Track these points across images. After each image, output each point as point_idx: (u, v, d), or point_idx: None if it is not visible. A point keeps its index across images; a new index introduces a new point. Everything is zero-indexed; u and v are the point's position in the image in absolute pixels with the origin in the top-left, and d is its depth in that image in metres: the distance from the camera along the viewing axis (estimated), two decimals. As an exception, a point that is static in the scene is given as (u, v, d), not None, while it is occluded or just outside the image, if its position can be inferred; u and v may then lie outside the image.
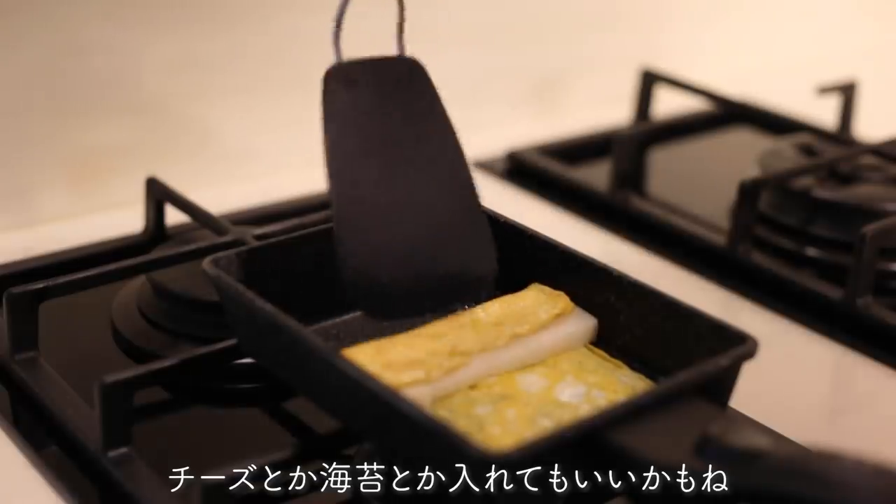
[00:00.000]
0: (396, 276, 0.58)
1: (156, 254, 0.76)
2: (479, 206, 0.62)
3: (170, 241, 0.81)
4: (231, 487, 0.55)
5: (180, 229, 0.85)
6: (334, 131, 0.59)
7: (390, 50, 0.63)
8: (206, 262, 0.62)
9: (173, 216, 0.85)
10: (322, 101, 0.60)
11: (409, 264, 0.59)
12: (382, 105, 0.61)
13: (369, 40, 0.64)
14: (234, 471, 0.55)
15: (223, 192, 0.92)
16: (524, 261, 0.67)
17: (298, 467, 0.60)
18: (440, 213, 0.60)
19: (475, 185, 0.62)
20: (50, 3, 0.86)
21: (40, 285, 0.70)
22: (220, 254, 0.63)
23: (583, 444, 0.51)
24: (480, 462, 0.49)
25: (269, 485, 0.61)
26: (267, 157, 0.99)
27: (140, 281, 0.77)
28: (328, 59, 1.01)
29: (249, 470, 0.56)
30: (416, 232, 0.59)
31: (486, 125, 1.09)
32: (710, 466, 0.48)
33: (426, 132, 0.62)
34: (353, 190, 0.58)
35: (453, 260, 0.60)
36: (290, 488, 0.62)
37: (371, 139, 0.60)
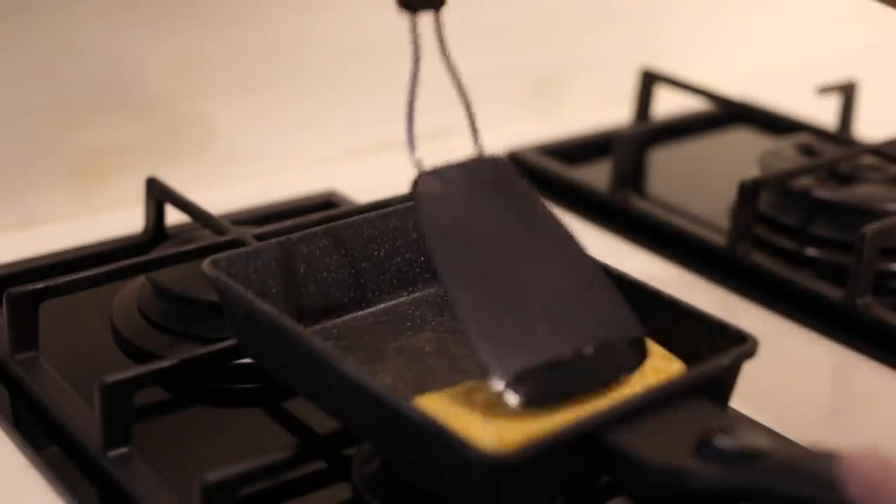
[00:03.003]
0: (543, 358, 0.55)
1: (156, 254, 0.76)
2: (603, 276, 0.60)
3: (170, 241, 0.81)
4: (231, 487, 0.55)
5: (180, 229, 0.85)
6: (439, 242, 0.57)
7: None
8: (206, 263, 0.62)
9: (173, 216, 0.85)
10: (417, 214, 0.58)
11: (551, 346, 0.56)
12: (479, 206, 0.59)
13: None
14: (234, 471, 0.55)
15: (223, 192, 0.92)
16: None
17: (298, 467, 0.60)
18: (566, 291, 0.58)
19: (594, 261, 0.60)
20: (50, 4, 0.86)
21: (40, 285, 0.70)
22: (220, 254, 0.63)
23: (582, 444, 0.51)
24: (480, 463, 0.49)
25: (269, 485, 0.61)
26: (267, 157, 0.99)
27: (140, 281, 0.77)
28: (329, 59, 1.01)
29: (249, 470, 0.56)
30: (548, 317, 0.57)
31: (486, 125, 1.08)
32: (710, 466, 0.49)
33: (530, 223, 0.60)
34: (474, 293, 0.56)
35: (595, 334, 0.57)
36: (289, 488, 0.62)
37: (477, 241, 0.58)
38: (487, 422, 0.54)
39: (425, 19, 0.67)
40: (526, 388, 0.54)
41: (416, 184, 0.59)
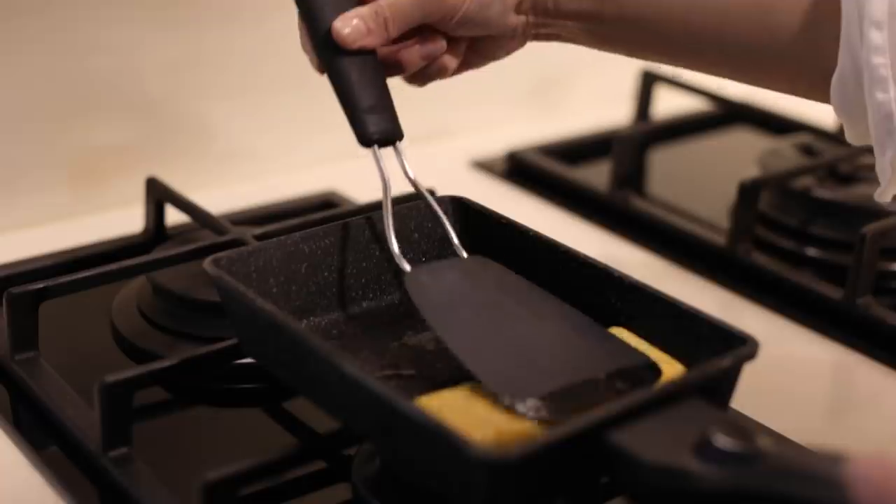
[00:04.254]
0: (558, 385, 0.57)
1: (156, 254, 0.76)
2: (598, 326, 0.62)
3: (170, 241, 0.81)
4: (231, 487, 0.55)
5: (180, 229, 0.85)
6: (436, 312, 0.60)
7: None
8: (208, 262, 0.62)
9: (173, 216, 0.85)
10: (414, 301, 0.60)
11: (562, 373, 0.58)
12: (470, 285, 0.62)
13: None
14: (234, 471, 0.55)
15: (223, 192, 0.92)
16: (524, 260, 0.67)
17: (298, 467, 0.60)
18: (567, 337, 0.60)
19: (585, 316, 0.62)
20: (50, 4, 0.86)
21: (40, 285, 0.70)
22: (221, 254, 0.63)
23: (583, 444, 0.51)
24: (480, 462, 0.49)
25: (269, 485, 0.61)
26: (267, 157, 0.99)
27: (140, 281, 0.77)
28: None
29: (249, 470, 0.56)
30: (553, 353, 0.59)
31: (486, 125, 1.09)
32: (710, 467, 0.49)
33: (522, 296, 0.63)
34: (479, 349, 0.58)
35: (605, 361, 0.59)
36: (289, 488, 0.62)
37: (473, 310, 0.61)
38: (487, 422, 0.54)
39: None
40: (543, 407, 0.55)
41: (407, 280, 0.62)
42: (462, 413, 0.54)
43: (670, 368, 0.60)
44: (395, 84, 1.06)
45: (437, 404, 0.55)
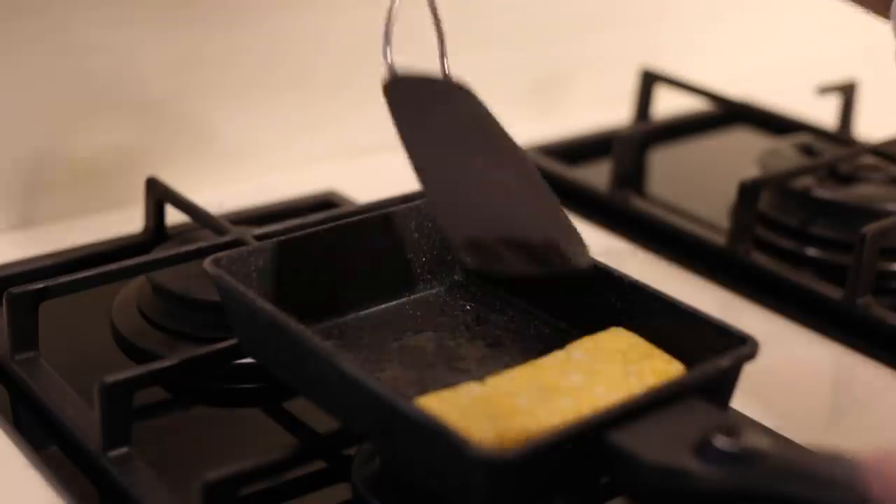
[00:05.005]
0: (494, 232, 0.58)
1: (156, 254, 0.76)
2: (545, 185, 0.62)
3: (170, 241, 0.81)
4: (231, 487, 0.55)
5: (180, 229, 0.85)
6: (408, 127, 0.61)
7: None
8: (208, 262, 0.62)
9: (173, 216, 0.85)
10: (389, 106, 0.61)
11: (502, 226, 0.59)
12: (444, 110, 0.63)
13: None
14: (234, 471, 0.55)
15: (223, 192, 0.92)
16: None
17: (298, 467, 0.60)
18: (519, 191, 0.61)
19: (535, 168, 0.63)
20: (51, 4, 0.86)
21: (40, 285, 0.70)
22: (222, 253, 0.63)
23: (583, 444, 0.51)
24: (480, 462, 0.49)
25: (269, 485, 0.61)
26: (267, 157, 0.99)
27: (140, 281, 0.77)
28: (329, 59, 1.01)
29: (249, 470, 0.56)
30: (502, 201, 0.60)
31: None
32: (710, 467, 0.49)
33: (491, 137, 0.63)
34: (437, 171, 0.60)
35: (543, 229, 0.60)
36: (289, 488, 0.62)
37: (442, 134, 0.62)
38: (487, 422, 0.54)
39: (421, 14, 0.70)
40: (478, 254, 0.56)
41: (387, 86, 0.63)
42: (462, 413, 0.54)
43: (671, 367, 0.60)
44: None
45: (436, 404, 0.55)
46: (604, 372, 0.59)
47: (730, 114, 1.12)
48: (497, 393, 0.56)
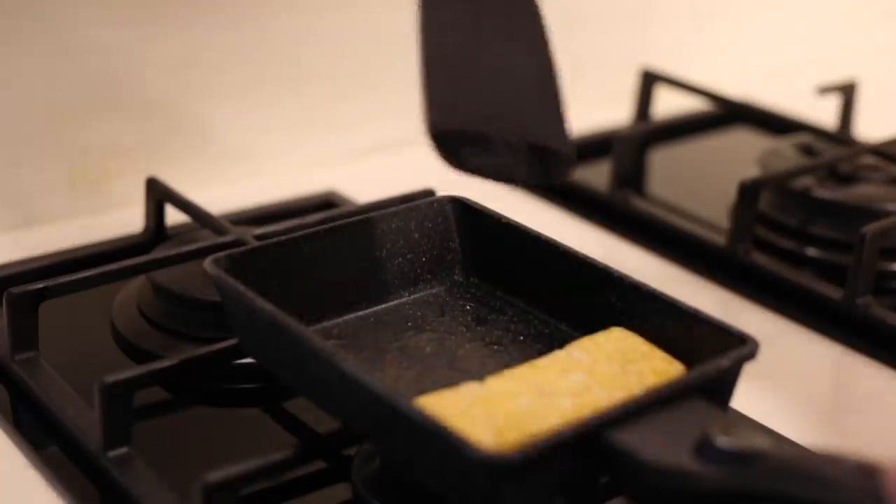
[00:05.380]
0: (476, 126, 0.58)
1: (156, 254, 0.76)
2: (558, 92, 0.61)
3: (170, 241, 0.81)
4: (231, 487, 0.55)
5: (180, 229, 0.85)
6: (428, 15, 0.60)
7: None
8: (208, 262, 0.62)
9: (173, 216, 0.85)
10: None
11: (488, 122, 0.59)
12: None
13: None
14: (234, 471, 0.55)
15: (223, 192, 0.92)
16: (524, 260, 0.67)
17: (298, 467, 0.60)
18: (521, 90, 0.60)
19: (557, 76, 0.62)
20: (50, 4, 0.86)
21: (40, 285, 0.70)
22: (222, 253, 0.63)
23: (583, 444, 0.51)
24: (480, 463, 0.49)
25: (269, 485, 0.61)
26: (267, 157, 0.99)
27: (140, 281, 0.77)
28: (329, 60, 1.01)
29: (249, 470, 0.56)
30: (496, 98, 0.59)
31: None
32: (710, 467, 0.49)
33: (517, 23, 0.62)
34: (440, 48, 0.59)
35: (530, 132, 0.60)
36: (289, 488, 0.62)
37: (463, 16, 0.60)
38: (487, 422, 0.54)
39: None
40: (452, 147, 0.57)
41: None
42: (461, 413, 0.54)
43: (671, 368, 0.60)
44: (395, 85, 1.06)
45: (436, 404, 0.55)
46: (604, 372, 0.59)
47: (730, 114, 1.12)
48: (496, 393, 0.56)
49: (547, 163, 0.60)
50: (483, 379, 0.58)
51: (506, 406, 0.55)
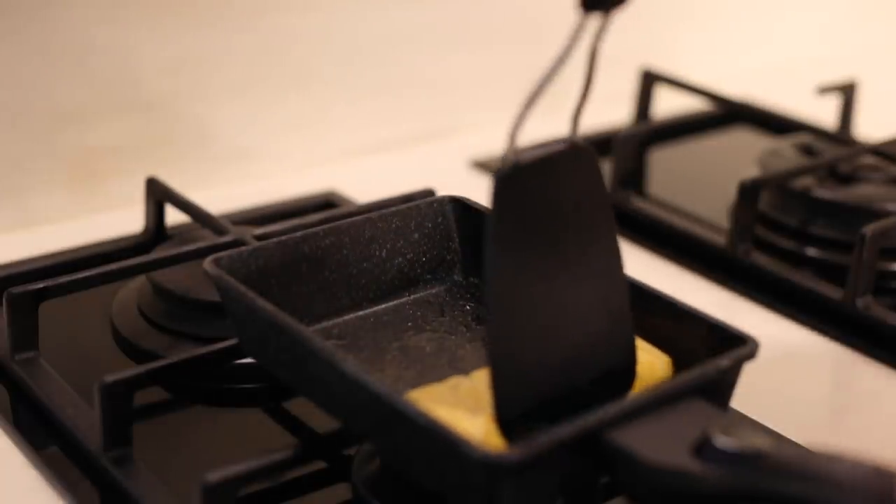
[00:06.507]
0: (543, 396, 0.55)
1: (156, 254, 0.76)
2: (627, 300, 0.58)
3: (170, 241, 0.81)
4: (231, 487, 0.55)
5: (180, 229, 0.85)
6: (500, 245, 0.53)
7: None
8: (208, 262, 0.62)
9: (173, 216, 0.85)
10: (491, 207, 0.53)
11: (556, 381, 0.55)
12: (549, 201, 0.56)
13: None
14: (234, 471, 0.55)
15: (223, 192, 0.92)
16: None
17: (298, 467, 0.60)
18: (593, 320, 0.57)
19: (625, 278, 0.59)
20: (48, 4, 0.86)
21: (40, 285, 0.70)
22: (222, 253, 0.63)
23: (583, 444, 0.51)
24: (479, 463, 0.49)
25: (269, 485, 0.61)
26: (267, 157, 0.99)
27: (140, 281, 0.77)
28: (329, 60, 1.01)
29: (249, 470, 0.56)
30: (568, 344, 0.56)
31: (486, 125, 1.09)
32: (710, 467, 0.49)
33: (589, 224, 0.58)
34: (512, 319, 0.54)
35: (598, 364, 0.57)
36: (289, 488, 0.62)
37: (536, 244, 0.55)
38: (473, 415, 0.54)
39: (422, 15, 0.67)
40: (516, 429, 0.53)
41: (500, 176, 0.54)
42: (448, 406, 0.55)
43: (657, 360, 0.60)
44: (395, 85, 1.06)
45: (423, 398, 0.55)
46: None
47: (730, 114, 1.12)
48: (483, 386, 0.56)
49: (610, 385, 0.57)
50: (469, 373, 0.59)
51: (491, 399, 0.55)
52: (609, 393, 0.57)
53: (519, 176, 0.53)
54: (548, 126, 1.10)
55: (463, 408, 0.55)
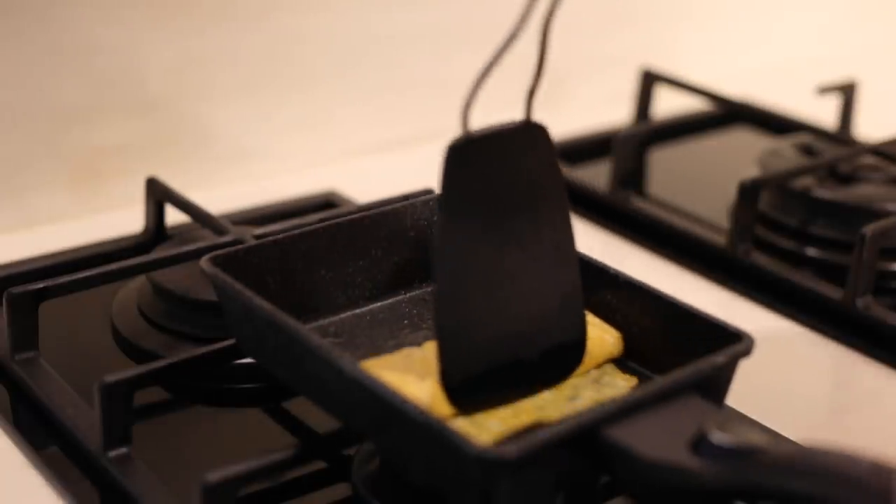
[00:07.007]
0: (490, 366, 0.56)
1: (156, 254, 0.76)
2: (577, 276, 0.59)
3: (170, 241, 0.81)
4: (231, 487, 0.55)
5: (180, 229, 0.85)
6: (450, 216, 0.54)
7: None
8: (204, 260, 0.62)
9: (173, 216, 0.85)
10: (442, 178, 0.54)
11: (503, 352, 0.56)
12: (502, 177, 0.57)
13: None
14: (234, 471, 0.55)
15: (223, 192, 0.92)
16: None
17: (298, 467, 0.60)
18: (542, 292, 0.58)
19: (576, 254, 0.59)
20: (51, 4, 0.86)
21: (40, 285, 0.70)
22: (219, 252, 0.63)
23: (579, 440, 0.51)
24: (478, 461, 0.49)
25: (269, 485, 0.61)
26: (267, 158, 0.99)
27: (140, 281, 0.77)
28: (329, 60, 1.01)
29: (249, 470, 0.56)
30: (515, 315, 0.57)
31: (486, 125, 1.09)
32: (706, 463, 0.49)
33: (541, 202, 0.58)
34: (460, 287, 0.55)
35: (546, 337, 0.58)
36: (289, 488, 0.62)
37: (487, 218, 0.56)
38: (422, 381, 0.56)
39: (422, 15, 0.67)
40: (462, 397, 0.55)
41: (451, 149, 0.55)
42: (399, 373, 0.56)
43: (605, 334, 0.61)
44: (395, 86, 1.06)
45: (376, 366, 0.57)
46: None
47: (730, 114, 1.12)
48: (433, 355, 0.57)
49: (558, 360, 0.58)
50: (421, 344, 0.60)
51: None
52: (558, 367, 0.58)
53: (471, 148, 0.55)
54: (548, 126, 1.10)
55: (412, 373, 0.56)
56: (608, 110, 1.12)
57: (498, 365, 0.56)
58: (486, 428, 0.55)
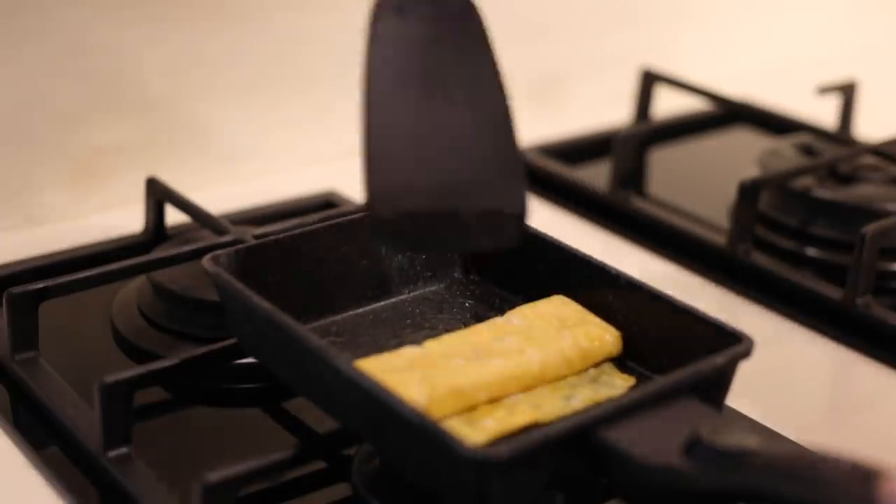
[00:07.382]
0: (422, 207, 0.57)
1: (156, 254, 0.76)
2: (515, 147, 0.59)
3: (170, 241, 0.81)
4: (231, 487, 0.55)
5: (180, 229, 0.85)
6: (377, 56, 0.57)
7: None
8: (206, 260, 0.62)
9: (173, 216, 0.85)
10: (368, 24, 0.57)
11: (436, 198, 0.57)
12: (431, 37, 0.59)
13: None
14: (234, 471, 0.55)
15: (223, 192, 0.92)
16: (523, 259, 0.67)
17: (298, 467, 0.60)
18: (474, 152, 0.59)
19: (514, 128, 0.60)
20: (51, 4, 0.86)
21: (40, 285, 0.70)
22: (220, 251, 0.63)
23: (573, 442, 0.51)
24: (470, 461, 0.49)
25: (269, 485, 0.61)
26: (267, 157, 0.99)
27: (140, 281, 0.77)
28: (328, 59, 1.01)
29: (249, 470, 0.56)
30: (447, 167, 0.58)
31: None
32: (700, 466, 0.49)
33: (472, 70, 0.60)
34: (387, 118, 0.57)
35: (482, 199, 0.58)
36: (289, 488, 0.62)
37: (413, 70, 0.58)
38: (420, 381, 0.56)
39: None
40: (394, 229, 0.56)
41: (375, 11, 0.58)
42: (397, 374, 0.56)
43: (605, 334, 0.62)
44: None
45: (373, 365, 0.57)
46: (538, 336, 0.61)
47: (730, 114, 1.12)
48: (432, 354, 0.58)
49: (497, 226, 0.59)
50: (422, 343, 0.60)
51: (440, 366, 0.57)
52: (496, 234, 0.59)
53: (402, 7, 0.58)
54: (545, 126, 1.10)
55: (409, 373, 0.56)
56: (608, 110, 1.11)
57: (431, 210, 0.57)
58: (482, 427, 0.55)
